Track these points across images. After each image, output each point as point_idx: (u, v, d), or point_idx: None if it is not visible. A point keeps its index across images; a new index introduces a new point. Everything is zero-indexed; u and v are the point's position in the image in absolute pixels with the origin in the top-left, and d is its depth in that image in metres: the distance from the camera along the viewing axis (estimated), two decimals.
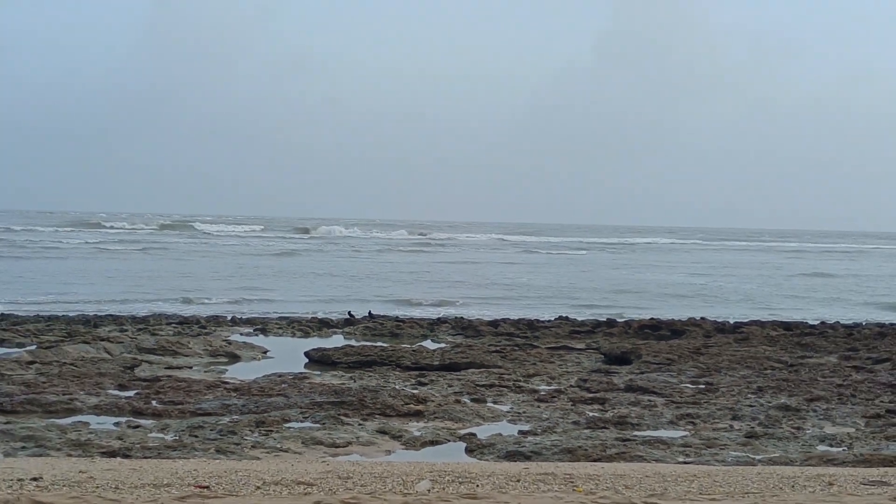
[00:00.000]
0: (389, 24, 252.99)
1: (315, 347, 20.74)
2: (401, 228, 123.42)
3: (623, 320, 27.32)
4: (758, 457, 12.01)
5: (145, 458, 11.19)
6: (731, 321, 27.88)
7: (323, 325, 25.88)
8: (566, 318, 28.34)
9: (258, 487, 8.37)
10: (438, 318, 27.47)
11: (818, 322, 28.41)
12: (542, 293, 39.60)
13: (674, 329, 25.56)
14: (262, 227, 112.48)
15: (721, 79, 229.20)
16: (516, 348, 21.93)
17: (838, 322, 28.61)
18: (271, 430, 12.89)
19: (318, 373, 18.32)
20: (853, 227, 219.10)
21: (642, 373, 18.57)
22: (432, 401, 15.09)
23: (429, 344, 23.17)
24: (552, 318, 28.26)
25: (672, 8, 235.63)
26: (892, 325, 27.58)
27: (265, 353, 20.96)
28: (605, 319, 27.42)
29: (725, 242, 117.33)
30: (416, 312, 30.42)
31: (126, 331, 23.20)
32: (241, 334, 23.98)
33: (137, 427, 13.15)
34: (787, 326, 26.58)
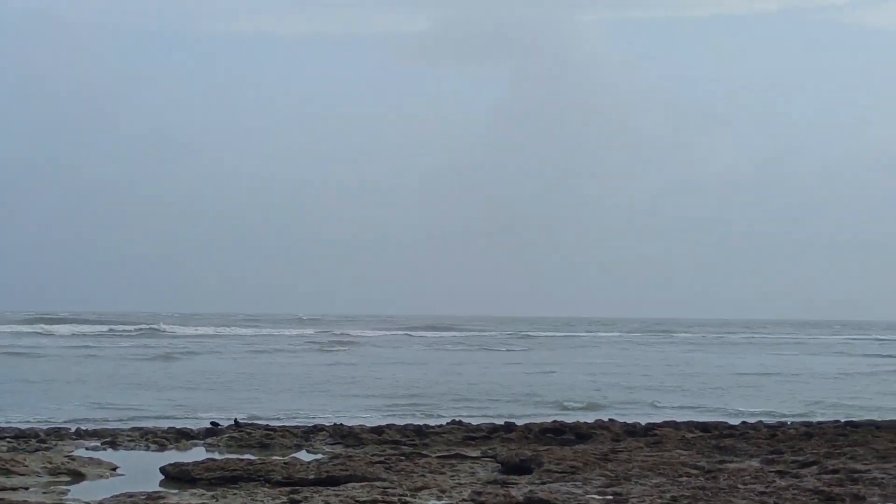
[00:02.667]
0: (273, 95, 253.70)
1: (172, 462, 20.31)
2: (287, 323, 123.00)
3: (523, 424, 27.30)
4: None
5: None
6: (643, 423, 28.02)
7: (182, 437, 25.40)
8: (459, 422, 28.23)
9: None
10: (315, 426, 27.16)
11: (739, 422, 28.70)
12: (436, 394, 39.53)
13: (579, 433, 25.59)
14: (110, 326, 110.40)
15: (637, 150, 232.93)
16: (403, 458, 21.72)
17: (761, 422, 28.91)
18: None
19: (176, 491, 17.90)
20: (781, 313, 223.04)
21: (544, 483, 18.49)
22: None
23: (303, 455, 22.86)
24: (444, 423, 28.14)
25: (578, 76, 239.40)
26: (819, 424, 27.95)
27: (114, 469, 20.47)
28: (502, 423, 27.36)
29: (644, 335, 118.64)
30: (290, 420, 30.09)
31: None
32: (87, 448, 23.43)
33: None
34: (704, 427, 26.79)
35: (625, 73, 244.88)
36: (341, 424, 27.37)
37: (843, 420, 29.19)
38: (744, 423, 28.50)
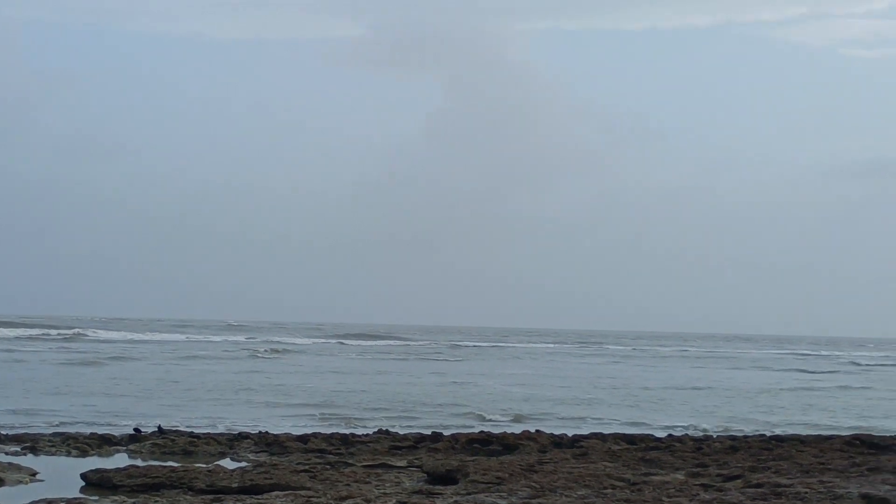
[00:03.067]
0: (204, 99, 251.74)
1: (93, 468, 20.09)
2: (216, 329, 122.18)
3: (450, 434, 27.27)
4: None
5: None
6: (570, 434, 28.09)
7: (104, 442, 25.11)
8: (386, 431, 28.15)
9: None
10: (239, 434, 26.97)
11: (665, 435, 28.85)
12: (364, 403, 39.43)
13: (506, 443, 25.60)
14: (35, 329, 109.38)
15: (570, 162, 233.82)
16: (328, 467, 21.62)
17: (687, 435, 29.10)
18: None
19: (96, 498, 17.70)
20: (712, 327, 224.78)
21: (469, 493, 18.46)
22: None
23: (227, 463, 22.68)
24: (370, 432, 28.05)
25: (511, 87, 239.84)
26: (744, 438, 28.16)
27: (34, 475, 20.19)
28: (429, 433, 27.31)
29: (580, 346, 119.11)
30: (215, 427, 29.89)
31: None
32: (7, 454, 23.09)
33: None
34: (630, 440, 26.89)
35: (558, 85, 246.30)
36: (266, 432, 27.19)
37: (768, 434, 29.44)
38: (670, 435, 28.65)
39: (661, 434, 29.34)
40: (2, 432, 26.45)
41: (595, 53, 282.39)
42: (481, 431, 27.28)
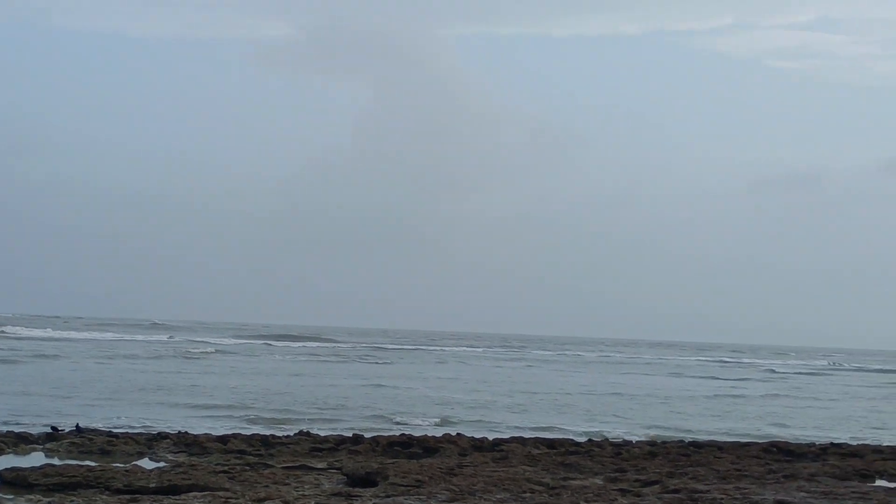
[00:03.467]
0: (131, 101, 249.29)
1: (9, 467, 19.82)
2: (142, 328, 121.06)
3: (371, 436, 27.21)
4: None
5: None
6: (491, 438, 28.14)
7: (20, 441, 24.79)
8: (307, 433, 28.04)
9: None
10: (158, 434, 26.75)
11: (585, 440, 28.98)
12: (286, 404, 39.26)
13: (426, 446, 25.61)
14: None
15: (497, 168, 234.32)
16: (247, 468, 21.49)
17: (606, 439, 29.25)
18: None
19: (11, 497, 17.50)
20: (637, 333, 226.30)
21: (388, 496, 18.43)
22: None
23: (145, 463, 22.48)
24: (291, 434, 27.92)
25: (441, 90, 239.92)
26: (663, 443, 28.36)
27: None
28: (350, 435, 27.25)
29: (493, 349, 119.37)
30: (134, 427, 29.63)
31: None
32: None
33: None
34: (550, 444, 26.99)
35: (487, 90, 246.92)
36: (186, 433, 26.98)
37: (686, 440, 29.68)
38: (590, 440, 28.77)
39: (581, 439, 29.47)
40: None
41: (524, 60, 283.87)
42: (402, 434, 27.28)
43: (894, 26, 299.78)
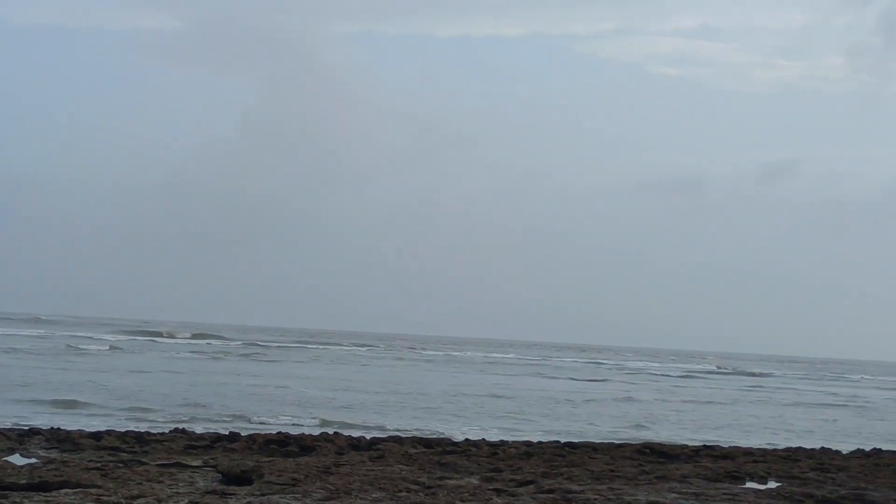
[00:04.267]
0: (7, 89, 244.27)
1: None
2: (23, 323, 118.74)
3: (247, 434, 26.99)
4: None
5: None
6: (368, 437, 28.08)
7: None
8: (182, 430, 27.73)
9: None
10: (30, 429, 26.24)
11: (462, 439, 29.04)
12: (162, 401, 38.81)
13: (303, 445, 25.46)
14: None
15: (384, 165, 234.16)
16: (121, 465, 21.17)
17: (483, 439, 29.33)
18: None
19: None
20: (525, 334, 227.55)
21: (263, 495, 18.27)
22: None
23: (16, 459, 22.02)
24: (166, 431, 27.57)
25: (328, 88, 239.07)
26: (539, 444, 28.51)
27: None
28: (226, 433, 27.00)
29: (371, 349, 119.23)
30: (5, 422, 29.05)
31: None
32: None
33: None
34: (427, 443, 27.01)
35: (373, 88, 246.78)
36: (59, 428, 26.50)
37: (561, 441, 29.88)
38: (467, 440, 28.84)
39: (458, 438, 29.53)
40: None
41: (409, 59, 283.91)
42: (279, 432, 27.10)
43: (774, 35, 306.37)
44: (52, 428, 26.65)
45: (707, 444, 31.09)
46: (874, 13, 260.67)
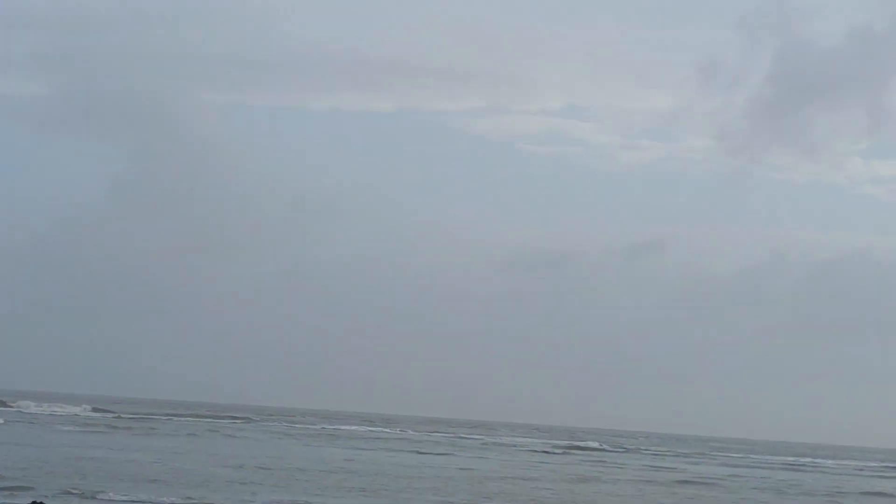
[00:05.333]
0: None
1: None
2: None
3: None
4: None
5: None
6: None
7: None
8: None
9: None
10: None
11: None
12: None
13: None
14: None
15: (254, 235, 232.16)
16: None
17: None
18: None
19: None
20: (386, 407, 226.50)
21: None
22: None
23: None
24: None
25: (200, 156, 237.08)
26: None
27: None
28: None
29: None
30: None
31: None
32: None
33: None
34: None
35: (247, 158, 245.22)
36: None
37: None
38: None
39: None
40: None
41: (282, 130, 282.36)
42: None
43: (640, 116, 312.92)
44: None
45: None
46: (741, 98, 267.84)
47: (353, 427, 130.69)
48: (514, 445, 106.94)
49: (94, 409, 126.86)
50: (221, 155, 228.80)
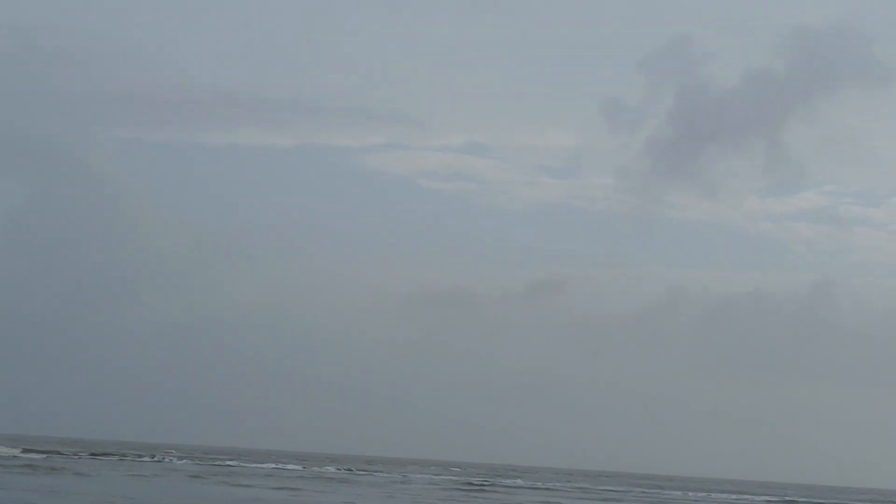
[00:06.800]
0: None
1: None
2: None
3: None
4: None
5: None
6: None
7: None
8: None
9: None
10: None
11: None
12: None
13: None
14: None
15: (155, 276, 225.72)
16: None
17: None
18: None
19: None
20: (301, 446, 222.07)
21: None
22: None
23: None
24: None
25: (97, 194, 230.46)
26: None
27: None
28: None
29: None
30: None
31: None
32: None
33: None
34: None
35: (146, 196, 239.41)
36: None
37: None
38: None
39: None
40: None
41: (181, 167, 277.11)
42: None
43: (540, 155, 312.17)
44: None
45: None
46: (642, 138, 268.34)
47: (233, 463, 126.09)
48: (403, 482, 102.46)
49: None
50: (121, 193, 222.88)
